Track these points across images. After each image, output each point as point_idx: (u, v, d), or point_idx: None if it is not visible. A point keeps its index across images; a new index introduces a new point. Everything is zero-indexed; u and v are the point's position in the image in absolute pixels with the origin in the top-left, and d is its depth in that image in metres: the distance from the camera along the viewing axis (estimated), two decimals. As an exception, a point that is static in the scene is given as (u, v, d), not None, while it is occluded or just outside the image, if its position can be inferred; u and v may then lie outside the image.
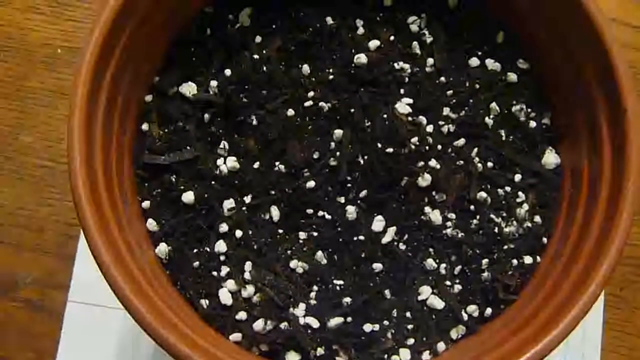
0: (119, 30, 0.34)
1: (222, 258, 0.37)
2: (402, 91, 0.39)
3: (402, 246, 0.37)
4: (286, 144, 0.38)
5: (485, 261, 0.37)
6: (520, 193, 0.39)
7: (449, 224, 0.38)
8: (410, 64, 0.39)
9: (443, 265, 0.37)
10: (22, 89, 0.50)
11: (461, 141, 0.39)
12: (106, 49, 0.34)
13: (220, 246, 0.37)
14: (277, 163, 0.38)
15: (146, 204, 0.38)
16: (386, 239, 0.37)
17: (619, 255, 0.32)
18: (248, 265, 0.37)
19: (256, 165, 0.38)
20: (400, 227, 0.37)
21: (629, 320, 0.48)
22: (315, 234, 0.37)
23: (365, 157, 0.37)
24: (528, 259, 0.38)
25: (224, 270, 0.37)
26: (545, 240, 0.38)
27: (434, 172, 0.37)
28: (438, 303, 0.37)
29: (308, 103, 0.38)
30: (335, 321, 0.36)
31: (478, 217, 0.38)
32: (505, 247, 0.38)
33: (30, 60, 0.50)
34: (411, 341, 0.36)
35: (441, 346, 0.36)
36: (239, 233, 0.37)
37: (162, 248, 0.37)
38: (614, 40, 0.34)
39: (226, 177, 0.38)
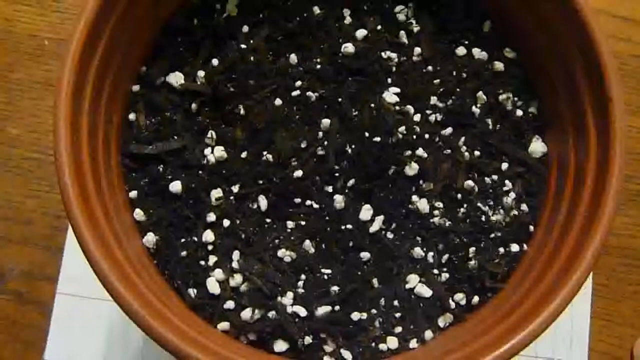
0: (104, 19, 0.34)
1: (209, 247, 0.37)
2: (389, 80, 0.39)
3: (390, 235, 0.37)
4: (274, 134, 0.38)
5: (472, 249, 0.38)
6: (507, 182, 0.39)
7: (436, 212, 0.38)
8: (397, 53, 0.39)
9: (430, 254, 0.37)
10: (9, 80, 0.50)
11: (448, 130, 0.39)
12: (92, 38, 0.34)
13: (208, 236, 0.37)
14: (264, 152, 0.38)
15: (133, 193, 0.37)
16: (374, 228, 0.37)
17: (603, 243, 0.33)
18: (236, 255, 0.37)
19: (244, 154, 0.38)
20: (387, 215, 0.37)
21: (616, 310, 0.48)
22: (303, 223, 0.37)
23: (353, 147, 0.37)
24: (515, 247, 0.38)
25: (212, 259, 0.37)
26: (531, 228, 0.38)
27: (421, 161, 0.37)
28: (425, 291, 0.37)
29: (295, 93, 0.38)
30: (323, 310, 0.36)
31: (465, 205, 0.38)
32: (492, 235, 0.38)
33: (16, 51, 0.50)
34: (399, 329, 0.36)
35: (429, 334, 0.37)
36: (226, 222, 0.37)
37: (150, 238, 0.37)
38: (600, 30, 0.35)
39: (214, 167, 0.37)
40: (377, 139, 0.37)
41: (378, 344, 0.36)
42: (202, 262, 0.37)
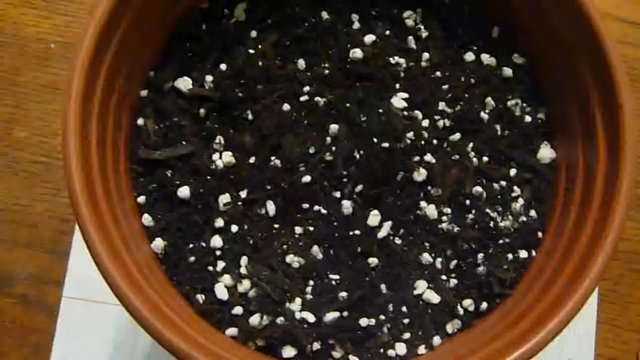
0: (114, 25, 0.34)
1: (217, 253, 0.37)
2: (397, 86, 0.39)
3: (398, 241, 0.37)
4: (282, 139, 0.37)
5: (480, 255, 0.37)
6: (515, 187, 0.39)
7: (444, 218, 0.38)
8: (405, 59, 0.39)
9: (439, 260, 0.37)
10: (16, 83, 0.50)
11: (457, 136, 0.39)
12: (102, 43, 0.34)
13: (216, 241, 0.37)
14: (272, 158, 0.37)
15: (142, 199, 0.37)
16: (382, 234, 0.37)
17: (614, 249, 0.33)
18: (244, 260, 0.37)
19: (252, 160, 0.38)
20: (396, 221, 0.37)
21: (623, 315, 0.48)
22: (311, 228, 0.37)
23: (361, 152, 0.37)
24: (523, 254, 0.38)
25: (220, 265, 0.37)
26: (540, 234, 0.38)
27: (429, 167, 0.37)
28: (434, 297, 0.37)
29: (304, 98, 0.38)
30: (331, 316, 0.36)
31: (473, 211, 0.38)
32: (501, 241, 0.38)
33: (23, 55, 0.50)
34: (407, 335, 0.36)
35: (437, 340, 0.37)
36: (234, 228, 0.37)
37: (158, 243, 0.37)
38: (608, 35, 0.35)
39: (222, 172, 0.37)
40: (385, 144, 0.37)
41: (386, 350, 0.36)
42: (211, 268, 0.37)
